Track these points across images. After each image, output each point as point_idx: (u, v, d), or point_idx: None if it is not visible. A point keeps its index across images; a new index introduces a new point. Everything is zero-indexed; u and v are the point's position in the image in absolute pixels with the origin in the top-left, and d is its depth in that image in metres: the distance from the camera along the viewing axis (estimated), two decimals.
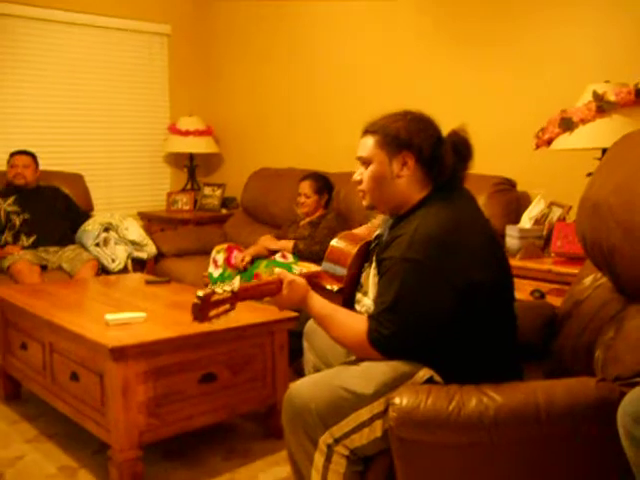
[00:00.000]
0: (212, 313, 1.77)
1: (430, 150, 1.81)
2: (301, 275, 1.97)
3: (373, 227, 2.16)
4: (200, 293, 1.76)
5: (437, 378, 1.71)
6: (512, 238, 3.06)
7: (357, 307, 1.97)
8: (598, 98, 2.73)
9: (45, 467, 2.50)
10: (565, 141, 2.85)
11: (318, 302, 1.89)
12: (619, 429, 1.27)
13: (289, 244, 3.79)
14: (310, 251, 3.67)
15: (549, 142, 2.93)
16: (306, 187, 3.90)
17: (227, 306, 1.81)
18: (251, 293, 1.92)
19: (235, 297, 1.82)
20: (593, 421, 1.51)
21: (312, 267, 3.31)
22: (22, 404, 3.10)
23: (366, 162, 1.88)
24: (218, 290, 1.78)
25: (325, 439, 1.71)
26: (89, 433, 2.49)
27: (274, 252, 3.82)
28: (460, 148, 1.84)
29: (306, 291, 1.89)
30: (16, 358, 3.02)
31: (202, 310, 1.75)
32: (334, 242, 2.06)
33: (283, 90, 4.88)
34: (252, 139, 5.18)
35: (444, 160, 1.82)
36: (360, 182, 1.91)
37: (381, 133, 1.85)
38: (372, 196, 1.89)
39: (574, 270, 2.50)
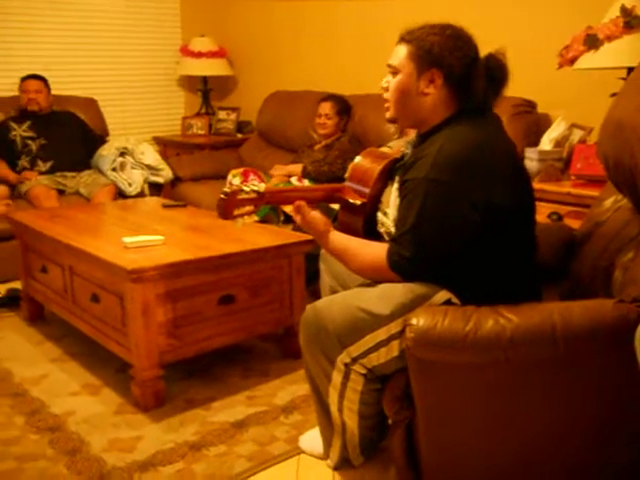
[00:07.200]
0: (236, 212, 1.78)
1: (461, 71, 1.75)
2: (321, 189, 1.96)
3: (391, 151, 2.11)
4: (227, 189, 1.76)
5: (455, 300, 1.71)
6: (531, 160, 3.01)
7: (380, 229, 1.95)
8: (626, 13, 2.62)
9: (69, 385, 2.57)
10: (589, 60, 2.76)
11: (336, 237, 1.89)
12: (636, 350, 1.26)
13: (298, 167, 3.77)
14: (319, 172, 3.65)
15: (572, 61, 2.84)
16: (327, 108, 3.86)
17: (251, 207, 1.81)
18: (276, 198, 1.92)
19: (260, 199, 1.82)
20: (610, 342, 1.50)
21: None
22: (46, 325, 3.16)
23: (395, 71, 1.82)
24: (245, 189, 1.78)
25: (343, 358, 1.74)
26: (111, 353, 2.54)
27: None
28: (494, 73, 1.77)
29: (327, 226, 1.90)
30: (37, 281, 3.07)
31: (227, 207, 1.76)
32: (357, 159, 2.00)
33: (297, 11, 4.73)
34: (266, 61, 5.06)
35: (474, 84, 1.75)
36: (386, 90, 1.85)
37: (415, 44, 1.77)
38: (395, 108, 1.84)
39: (593, 193, 2.47)
